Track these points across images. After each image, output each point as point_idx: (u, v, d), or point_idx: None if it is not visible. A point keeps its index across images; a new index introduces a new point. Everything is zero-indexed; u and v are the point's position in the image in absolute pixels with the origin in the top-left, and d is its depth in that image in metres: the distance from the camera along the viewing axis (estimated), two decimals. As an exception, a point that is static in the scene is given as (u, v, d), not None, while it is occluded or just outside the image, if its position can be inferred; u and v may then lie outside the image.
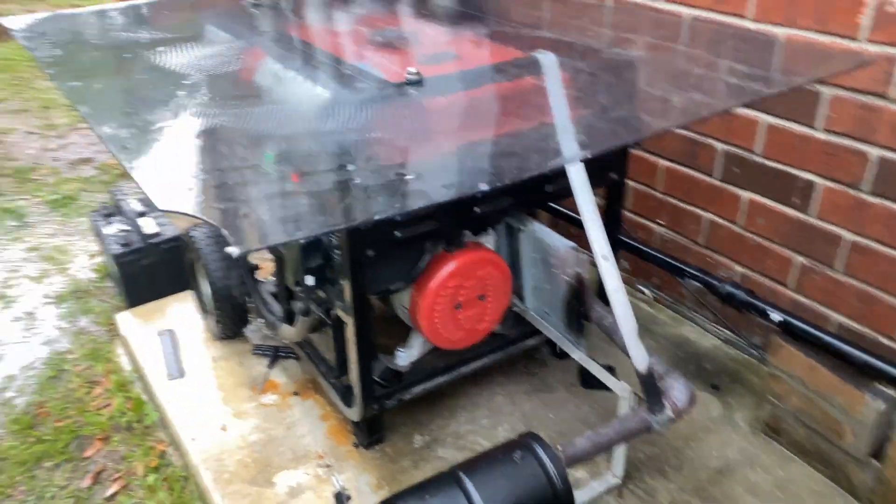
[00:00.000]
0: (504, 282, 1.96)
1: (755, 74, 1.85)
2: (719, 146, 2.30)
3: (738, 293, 2.09)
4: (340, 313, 1.82)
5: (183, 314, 2.66)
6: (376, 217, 1.07)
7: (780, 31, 2.03)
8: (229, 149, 1.40)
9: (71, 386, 2.58)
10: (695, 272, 2.23)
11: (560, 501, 1.47)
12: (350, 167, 1.26)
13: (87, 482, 2.20)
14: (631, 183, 2.65)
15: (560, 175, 1.60)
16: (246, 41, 2.03)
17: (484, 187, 1.14)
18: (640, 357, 1.64)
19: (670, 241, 2.56)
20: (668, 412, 1.65)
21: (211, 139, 1.41)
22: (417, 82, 1.62)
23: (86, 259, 3.34)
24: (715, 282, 2.17)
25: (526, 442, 1.53)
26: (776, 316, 1.99)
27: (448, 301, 1.87)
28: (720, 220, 2.37)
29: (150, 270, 2.79)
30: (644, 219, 2.64)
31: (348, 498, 1.47)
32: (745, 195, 2.26)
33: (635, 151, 2.58)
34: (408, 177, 1.21)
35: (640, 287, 2.69)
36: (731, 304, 2.11)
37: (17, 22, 2.13)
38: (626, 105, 1.79)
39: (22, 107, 5.14)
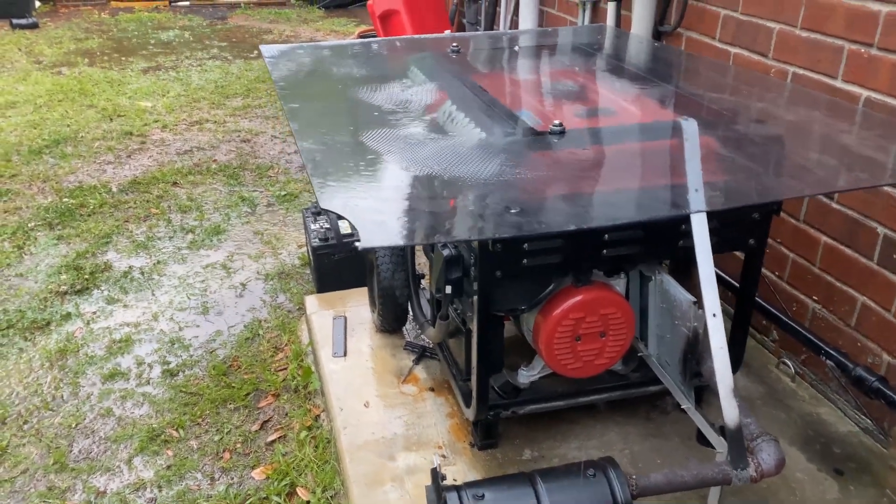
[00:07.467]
0: (626, 324, 2.10)
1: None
2: (881, 230, 2.26)
3: (868, 378, 2.06)
4: (469, 323, 2.09)
5: (358, 305, 3.08)
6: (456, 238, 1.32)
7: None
8: (392, 170, 1.74)
9: (261, 348, 3.10)
10: (830, 350, 2.21)
11: (621, 523, 1.62)
12: (464, 199, 1.53)
13: (255, 427, 2.66)
14: (791, 255, 2.65)
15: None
16: (437, 83, 2.38)
17: (571, 227, 1.35)
18: (730, 413, 1.72)
19: (822, 319, 2.52)
20: (751, 471, 1.71)
21: (379, 161, 1.75)
22: (560, 133, 1.85)
23: (294, 247, 3.92)
24: (849, 364, 2.14)
25: (602, 463, 1.69)
26: (903, 408, 1.95)
27: (568, 331, 2.06)
28: (873, 305, 2.31)
29: (339, 265, 3.26)
30: (800, 292, 2.63)
31: (443, 478, 1.72)
32: (902, 283, 2.21)
33: (800, 225, 2.58)
34: (512, 210, 1.46)
35: (786, 360, 2.66)
36: (861, 388, 2.08)
37: (268, 50, 2.68)
38: (767, 172, 1.87)
39: (273, 114, 6.04)
